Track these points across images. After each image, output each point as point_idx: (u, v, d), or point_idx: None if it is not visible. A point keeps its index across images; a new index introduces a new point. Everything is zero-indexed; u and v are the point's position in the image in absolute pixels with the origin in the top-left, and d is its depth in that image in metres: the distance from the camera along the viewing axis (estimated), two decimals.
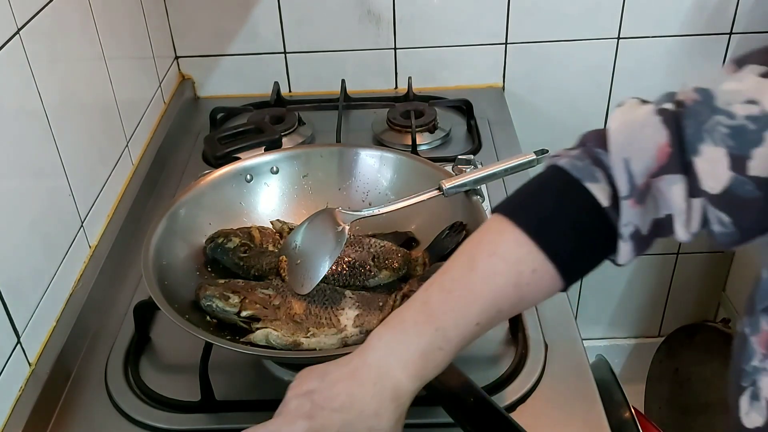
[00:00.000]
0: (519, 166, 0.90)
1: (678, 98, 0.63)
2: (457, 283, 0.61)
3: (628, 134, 0.64)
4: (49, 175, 0.90)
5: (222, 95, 1.50)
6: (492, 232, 0.64)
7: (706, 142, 0.59)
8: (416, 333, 0.59)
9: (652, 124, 0.62)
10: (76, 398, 0.84)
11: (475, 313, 0.60)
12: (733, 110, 0.58)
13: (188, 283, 0.86)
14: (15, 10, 0.82)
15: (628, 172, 0.62)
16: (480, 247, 0.63)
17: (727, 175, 0.58)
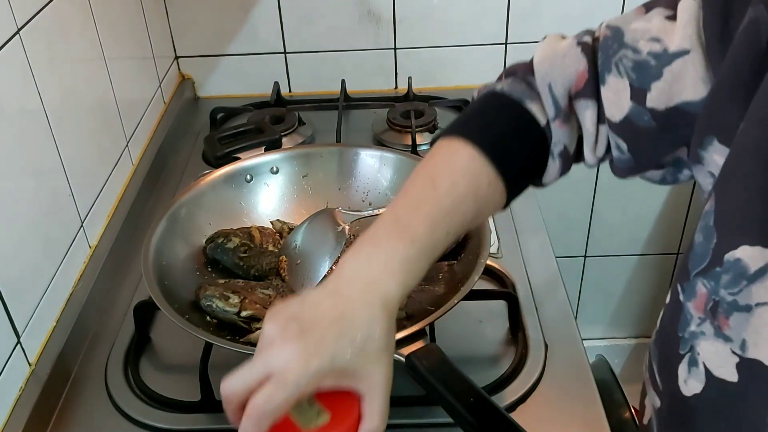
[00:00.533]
0: None
1: (595, 34, 0.70)
2: (423, 200, 0.63)
3: (551, 62, 0.71)
4: (49, 175, 0.90)
5: (222, 95, 1.50)
6: (446, 153, 0.67)
7: (612, 72, 0.65)
8: (392, 246, 0.60)
9: (572, 54, 0.69)
10: (76, 398, 0.84)
11: (445, 223, 0.62)
12: (639, 46, 0.63)
13: (188, 283, 0.86)
14: (15, 10, 0.82)
15: (552, 95, 0.69)
16: (438, 167, 0.66)
17: (627, 104, 0.64)
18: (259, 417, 0.51)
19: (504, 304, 0.92)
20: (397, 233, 0.61)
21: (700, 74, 0.59)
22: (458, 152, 0.66)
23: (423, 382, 0.69)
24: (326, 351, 0.53)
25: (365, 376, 0.55)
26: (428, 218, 0.62)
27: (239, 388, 0.52)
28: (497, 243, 1.04)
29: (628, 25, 0.66)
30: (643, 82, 0.63)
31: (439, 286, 0.82)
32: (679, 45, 0.61)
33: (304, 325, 0.54)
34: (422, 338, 0.72)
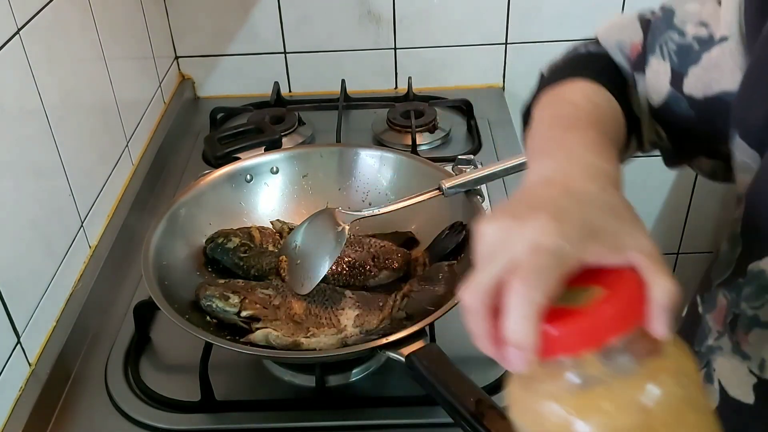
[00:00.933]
0: (519, 166, 0.90)
1: (654, 10, 0.68)
2: (575, 115, 0.59)
3: (612, 33, 0.70)
4: (49, 175, 0.90)
5: (222, 95, 1.50)
6: (561, 88, 0.65)
7: (655, 54, 0.63)
8: (586, 149, 0.53)
9: (631, 26, 0.68)
10: (76, 398, 0.84)
11: (608, 126, 0.59)
12: (686, 29, 0.61)
13: (188, 283, 0.86)
14: (15, 10, 0.82)
15: (620, 57, 0.67)
16: (565, 95, 0.63)
17: (666, 89, 0.62)
18: (530, 303, 0.40)
19: None
20: (575, 131, 0.55)
21: (738, 63, 0.56)
22: (576, 83, 0.63)
23: (423, 382, 0.69)
24: (575, 214, 0.43)
25: (630, 237, 0.43)
26: (592, 123, 0.57)
27: (487, 283, 0.42)
28: None
29: (682, 6, 0.63)
30: (681, 67, 0.60)
31: (439, 286, 0.82)
32: (721, 31, 0.58)
33: (533, 203, 0.46)
34: (422, 338, 0.72)
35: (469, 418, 0.64)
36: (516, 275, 0.41)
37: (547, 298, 0.40)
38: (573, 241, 0.42)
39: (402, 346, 0.71)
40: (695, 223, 1.68)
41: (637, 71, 0.65)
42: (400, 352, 0.71)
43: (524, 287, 0.40)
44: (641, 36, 0.66)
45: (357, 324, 0.80)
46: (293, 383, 0.85)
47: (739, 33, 0.56)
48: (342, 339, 0.79)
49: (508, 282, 0.41)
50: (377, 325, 0.80)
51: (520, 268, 0.41)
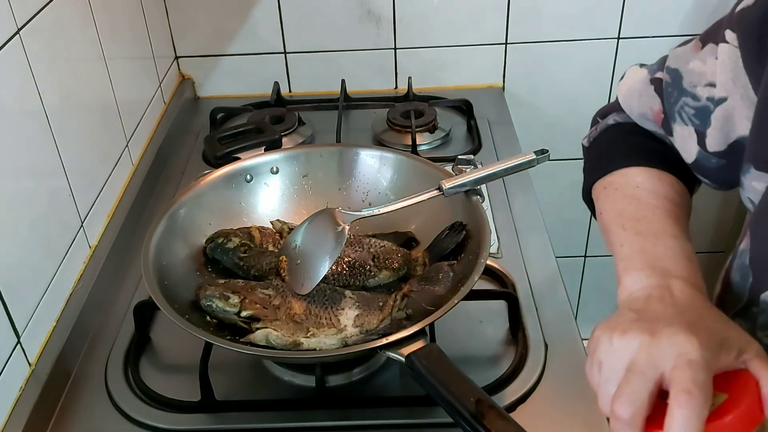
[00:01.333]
0: (519, 166, 0.90)
1: (664, 66, 0.71)
2: (645, 221, 0.66)
3: (632, 103, 0.74)
4: (49, 175, 0.90)
5: (222, 95, 1.50)
6: (621, 182, 0.72)
7: (677, 122, 0.68)
8: (674, 260, 0.61)
9: (646, 93, 0.72)
10: (76, 398, 0.84)
11: (677, 222, 0.66)
12: (698, 93, 0.65)
13: (188, 283, 0.86)
14: (15, 10, 0.82)
15: (651, 123, 0.73)
16: (627, 192, 0.70)
17: (695, 149, 0.67)
18: (699, 416, 0.46)
19: (504, 304, 0.92)
20: (646, 241, 0.62)
21: (744, 114, 0.61)
22: (636, 175, 0.70)
23: (423, 382, 0.69)
24: (702, 327, 0.50)
25: (746, 344, 0.51)
26: (665, 226, 0.64)
27: (644, 397, 0.48)
28: (497, 243, 1.04)
29: (686, 66, 0.67)
30: (702, 127, 0.65)
31: (439, 286, 0.81)
32: (718, 93, 0.63)
33: (655, 318, 0.52)
34: (422, 338, 0.72)
35: (469, 418, 0.64)
36: (680, 390, 0.46)
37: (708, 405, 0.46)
38: (711, 352, 0.48)
39: (402, 346, 0.71)
40: (695, 223, 1.67)
41: (667, 135, 0.71)
42: (400, 352, 0.71)
43: (692, 402, 0.45)
44: (659, 102, 0.70)
45: (357, 324, 0.80)
46: (293, 383, 0.85)
47: (736, 88, 0.61)
48: (342, 339, 0.79)
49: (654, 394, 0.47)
50: (377, 325, 0.80)
51: (682, 382, 0.46)
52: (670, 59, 0.70)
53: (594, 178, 0.75)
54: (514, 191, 1.16)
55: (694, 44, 0.69)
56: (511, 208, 1.12)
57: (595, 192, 0.75)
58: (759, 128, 0.58)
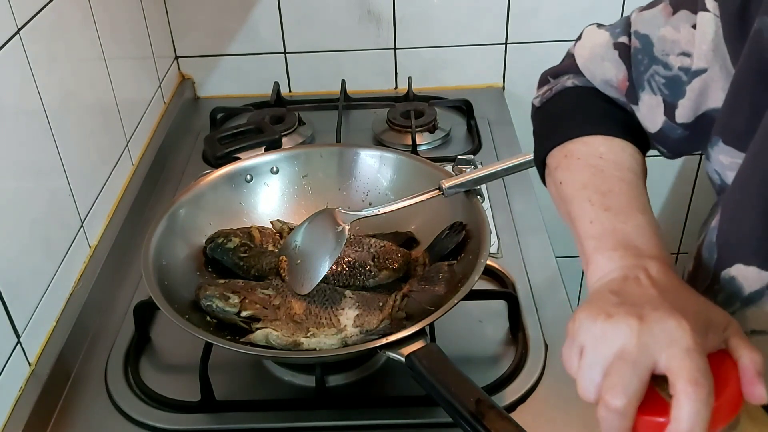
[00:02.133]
0: (519, 166, 0.90)
1: (630, 30, 0.68)
2: (607, 192, 0.62)
3: (594, 66, 0.71)
4: (49, 175, 0.90)
5: (222, 95, 1.50)
6: (583, 152, 0.67)
7: (645, 90, 0.65)
8: (642, 236, 0.58)
9: (610, 57, 0.69)
10: (76, 398, 0.84)
11: (641, 196, 0.63)
12: (670, 61, 0.63)
13: (188, 283, 0.86)
14: (15, 10, 0.82)
15: (614, 90, 0.69)
16: (589, 162, 0.66)
17: (661, 119, 0.65)
18: (706, 406, 0.44)
19: (504, 304, 0.92)
20: (625, 215, 0.59)
21: (721, 86, 0.59)
22: (591, 143, 0.67)
23: (423, 382, 0.69)
24: (688, 309, 0.48)
25: (726, 323, 0.49)
26: (626, 201, 0.61)
27: (638, 388, 0.46)
28: (497, 243, 1.04)
29: (657, 32, 0.65)
30: (672, 98, 0.63)
31: (439, 286, 0.82)
32: (696, 64, 0.61)
33: (638, 301, 0.50)
34: (422, 338, 0.72)
35: (469, 418, 0.64)
36: (687, 381, 0.44)
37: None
38: (701, 336, 0.47)
39: (402, 346, 0.71)
40: (695, 223, 1.68)
41: (631, 103, 0.68)
42: (400, 352, 0.71)
43: (701, 392, 0.44)
44: (625, 70, 0.68)
45: (357, 324, 0.80)
46: (293, 383, 0.85)
47: (716, 59, 0.59)
48: (342, 339, 0.79)
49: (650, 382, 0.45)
50: (377, 325, 0.80)
51: (686, 372, 0.44)
52: (637, 23, 0.67)
53: (551, 144, 0.71)
54: (514, 191, 1.16)
55: (664, 8, 0.65)
56: (511, 208, 1.12)
57: (552, 159, 0.70)
58: (732, 102, 0.56)
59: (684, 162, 1.59)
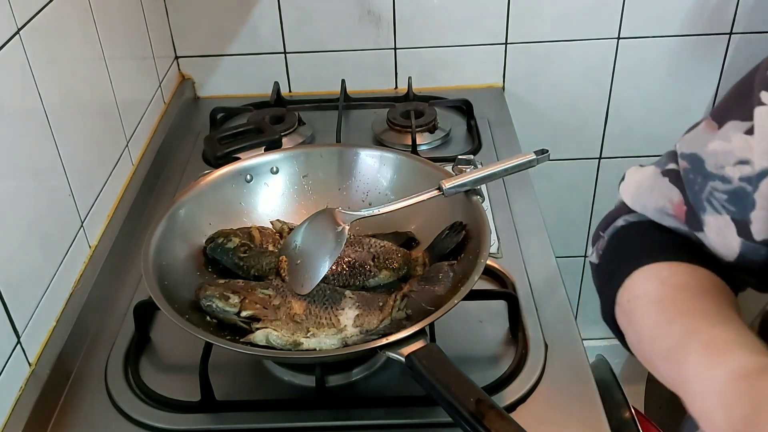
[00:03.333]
0: (519, 166, 0.90)
1: (675, 157, 0.62)
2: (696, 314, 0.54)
3: (643, 201, 0.63)
4: (49, 175, 0.90)
5: (222, 95, 1.50)
6: (647, 284, 0.59)
7: (707, 212, 0.57)
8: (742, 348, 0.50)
9: (660, 184, 0.62)
10: (76, 398, 0.84)
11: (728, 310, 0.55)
12: (727, 174, 0.55)
13: (188, 283, 0.86)
14: (15, 10, 0.82)
15: (672, 218, 0.62)
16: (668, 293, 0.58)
17: (736, 241, 0.56)
18: None
19: (504, 304, 0.92)
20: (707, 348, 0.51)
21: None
22: (652, 272, 0.59)
23: (423, 382, 0.69)
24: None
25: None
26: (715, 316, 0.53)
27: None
28: (497, 243, 1.04)
29: (705, 148, 0.57)
30: (741, 214, 0.55)
31: (439, 286, 0.81)
32: (759, 163, 0.53)
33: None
34: (422, 338, 0.72)
35: (469, 418, 0.64)
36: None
37: None
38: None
39: (402, 346, 0.71)
40: None
41: (694, 231, 0.60)
42: (400, 352, 0.71)
43: None
44: (679, 194, 0.60)
45: (357, 324, 0.80)
46: (293, 383, 0.85)
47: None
48: (342, 339, 0.79)
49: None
50: (377, 325, 0.80)
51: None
52: (681, 146, 0.61)
53: (613, 292, 0.61)
54: (514, 191, 1.16)
55: (707, 125, 0.59)
56: (511, 208, 1.12)
57: (620, 313, 0.61)
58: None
59: None
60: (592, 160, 1.60)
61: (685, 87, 1.50)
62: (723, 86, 1.50)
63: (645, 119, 1.54)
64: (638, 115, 1.53)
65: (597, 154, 1.59)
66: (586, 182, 1.63)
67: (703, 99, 1.52)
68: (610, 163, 1.59)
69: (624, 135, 1.56)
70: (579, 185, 1.64)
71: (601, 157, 1.59)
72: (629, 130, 1.55)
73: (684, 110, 1.53)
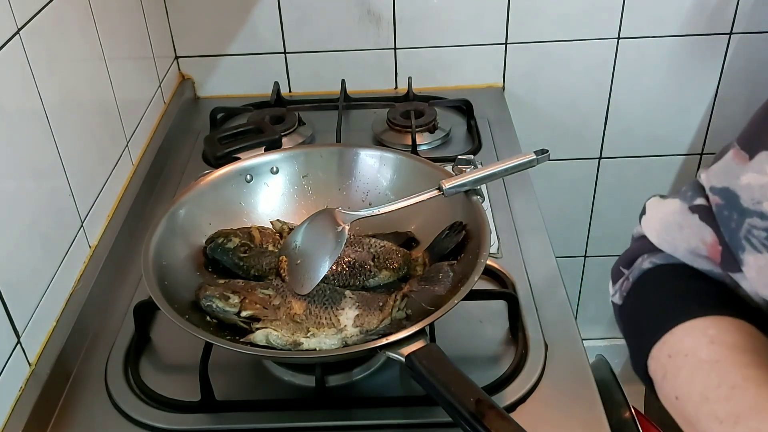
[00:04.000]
0: (519, 166, 0.90)
1: (703, 191, 0.58)
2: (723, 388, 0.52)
3: (671, 239, 0.60)
4: (49, 175, 0.90)
5: (222, 95, 1.50)
6: (691, 341, 0.57)
7: (746, 251, 0.54)
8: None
9: (690, 222, 0.58)
10: (76, 398, 0.84)
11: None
12: (766, 209, 0.52)
13: (188, 283, 0.86)
14: (15, 10, 0.82)
15: (705, 260, 0.58)
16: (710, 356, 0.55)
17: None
18: None
19: (504, 304, 0.92)
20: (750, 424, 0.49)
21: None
22: (696, 330, 0.56)
23: (423, 382, 0.69)
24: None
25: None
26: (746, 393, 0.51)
27: None
28: (497, 243, 1.04)
29: (737, 182, 0.54)
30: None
31: (439, 286, 0.81)
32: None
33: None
34: (422, 338, 0.72)
35: (469, 418, 0.64)
36: None
37: None
38: None
39: (402, 346, 0.71)
40: None
41: (731, 272, 0.57)
42: (400, 352, 0.71)
43: None
44: (712, 233, 0.57)
45: (357, 324, 0.80)
46: (293, 383, 0.85)
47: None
48: (342, 339, 0.79)
49: None
50: (377, 325, 0.80)
51: None
52: (710, 179, 0.57)
53: (648, 344, 0.59)
54: (514, 191, 1.16)
55: (735, 155, 0.55)
56: (511, 208, 1.13)
57: (655, 364, 0.59)
58: None
59: (684, 162, 1.59)
60: (592, 160, 1.60)
61: (685, 87, 1.50)
62: (723, 86, 1.50)
63: (645, 119, 1.54)
64: (638, 114, 1.53)
65: (597, 154, 1.59)
66: (586, 182, 1.63)
67: (703, 99, 1.52)
68: (610, 163, 1.59)
69: (624, 135, 1.56)
70: (579, 185, 1.64)
71: (601, 157, 1.59)
72: (629, 130, 1.55)
73: (684, 110, 1.53)
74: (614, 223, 1.68)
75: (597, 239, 1.71)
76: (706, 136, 1.56)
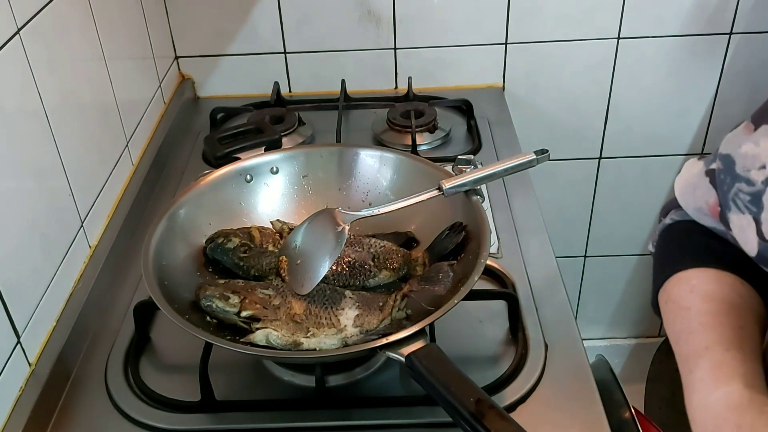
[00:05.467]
0: (519, 166, 0.90)
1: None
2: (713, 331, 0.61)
3: (688, 198, 0.69)
4: (49, 175, 0.90)
5: (222, 95, 1.50)
6: (678, 290, 0.66)
7: (732, 210, 0.61)
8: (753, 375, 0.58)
9: (701, 185, 0.66)
10: (76, 398, 0.84)
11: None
12: (752, 177, 0.59)
13: (188, 283, 0.86)
14: (15, 10, 0.82)
15: (709, 219, 0.67)
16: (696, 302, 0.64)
17: (754, 240, 0.60)
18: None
19: (504, 304, 0.92)
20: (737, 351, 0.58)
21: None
22: (683, 280, 0.65)
23: (423, 382, 0.69)
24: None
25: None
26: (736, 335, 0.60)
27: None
28: (497, 243, 1.04)
29: (738, 150, 0.61)
30: (758, 214, 0.59)
31: (439, 286, 0.81)
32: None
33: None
34: (422, 338, 0.72)
35: (469, 418, 0.64)
36: None
37: None
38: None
39: (402, 346, 0.71)
40: None
41: (726, 228, 0.64)
42: (400, 352, 0.71)
43: None
44: (714, 194, 0.65)
45: (357, 324, 0.80)
46: (293, 383, 0.85)
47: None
48: (342, 339, 0.79)
49: None
50: (377, 325, 0.80)
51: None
52: (723, 145, 0.65)
53: (655, 290, 0.71)
54: (514, 191, 1.16)
55: (746, 126, 0.63)
56: (511, 208, 1.13)
57: (660, 309, 0.70)
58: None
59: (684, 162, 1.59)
60: (592, 160, 1.60)
61: (685, 87, 1.50)
62: (723, 86, 1.50)
63: (645, 119, 1.54)
64: (638, 114, 1.53)
65: (597, 154, 1.59)
66: (586, 182, 1.63)
67: (703, 99, 1.52)
68: (610, 163, 1.59)
69: (624, 135, 1.56)
70: (579, 185, 1.64)
71: (601, 157, 1.59)
72: (629, 130, 1.55)
73: (684, 110, 1.53)
74: (614, 223, 1.68)
75: (597, 239, 1.71)
76: (706, 136, 1.56)
